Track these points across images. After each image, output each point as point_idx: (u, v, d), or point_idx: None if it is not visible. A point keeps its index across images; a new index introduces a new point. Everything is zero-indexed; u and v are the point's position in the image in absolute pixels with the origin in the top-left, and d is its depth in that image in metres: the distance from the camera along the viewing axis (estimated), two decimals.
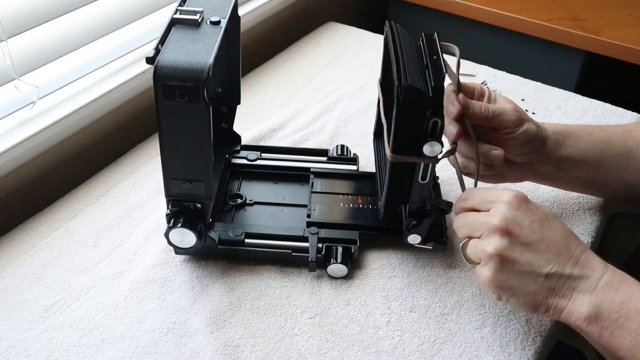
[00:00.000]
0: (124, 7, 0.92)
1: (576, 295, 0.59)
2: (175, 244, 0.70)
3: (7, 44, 0.78)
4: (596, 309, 0.57)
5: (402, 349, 0.66)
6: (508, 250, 0.59)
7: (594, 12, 1.29)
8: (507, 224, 0.60)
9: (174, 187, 0.67)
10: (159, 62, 0.60)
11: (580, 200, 0.86)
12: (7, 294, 0.70)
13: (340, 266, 0.72)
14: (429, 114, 0.62)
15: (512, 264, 0.59)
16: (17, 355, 0.64)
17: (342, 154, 0.86)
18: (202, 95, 0.59)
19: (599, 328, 0.57)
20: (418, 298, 0.72)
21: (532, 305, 0.60)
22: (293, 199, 0.80)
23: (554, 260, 0.59)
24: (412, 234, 0.72)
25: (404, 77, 0.63)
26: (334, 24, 1.27)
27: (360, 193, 0.80)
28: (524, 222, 0.60)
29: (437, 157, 0.65)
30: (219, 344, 0.66)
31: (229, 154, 0.85)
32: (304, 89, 1.06)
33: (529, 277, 0.59)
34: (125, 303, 0.69)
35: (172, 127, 0.63)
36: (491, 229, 0.60)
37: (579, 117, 1.02)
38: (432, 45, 0.68)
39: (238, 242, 0.73)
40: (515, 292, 0.60)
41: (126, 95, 0.94)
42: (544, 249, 0.59)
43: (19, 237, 0.77)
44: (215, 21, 0.66)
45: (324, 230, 0.74)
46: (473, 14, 1.32)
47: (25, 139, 0.80)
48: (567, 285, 0.59)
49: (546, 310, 0.60)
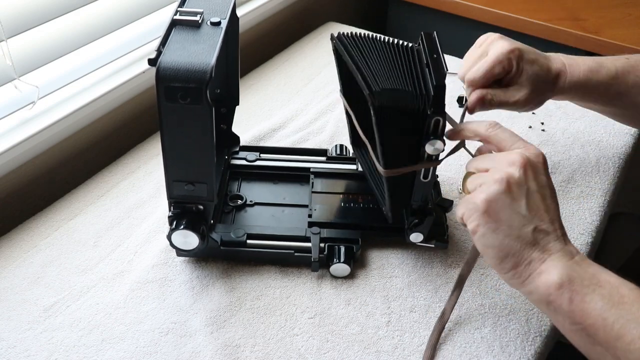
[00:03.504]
0: (124, 7, 0.92)
1: (553, 257, 0.57)
2: (178, 246, 0.69)
3: (7, 44, 0.78)
4: (570, 274, 0.56)
5: (402, 349, 0.66)
6: (517, 184, 0.57)
7: (594, 12, 1.29)
8: (527, 162, 0.58)
9: (176, 189, 0.67)
10: (161, 64, 0.59)
11: (580, 200, 0.86)
12: (7, 294, 0.70)
13: (343, 266, 0.72)
14: (431, 112, 0.62)
15: (513, 198, 0.57)
16: (17, 355, 0.64)
17: (341, 154, 0.86)
18: (205, 96, 0.59)
19: (570, 292, 0.55)
20: (418, 298, 0.72)
21: (505, 251, 0.58)
22: (293, 199, 0.80)
23: (548, 222, 0.58)
24: (415, 233, 0.72)
25: (373, 83, 0.62)
26: (334, 24, 1.27)
27: (361, 192, 0.80)
28: (540, 173, 0.59)
29: (438, 156, 0.65)
30: (219, 344, 0.66)
31: (228, 155, 0.85)
32: (304, 89, 1.06)
33: (520, 220, 0.57)
34: (125, 303, 0.69)
35: (175, 128, 0.62)
36: (510, 161, 0.58)
37: (579, 117, 1.02)
38: (432, 44, 0.68)
39: (240, 243, 0.73)
40: (497, 228, 0.57)
41: (126, 95, 0.94)
42: (545, 207, 0.58)
43: (19, 237, 0.77)
44: (216, 22, 0.66)
45: (325, 230, 0.74)
46: (473, 14, 1.32)
47: (25, 139, 0.80)
48: (548, 248, 0.57)
49: (514, 266, 0.58)
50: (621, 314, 0.53)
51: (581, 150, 0.95)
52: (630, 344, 0.52)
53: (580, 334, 0.55)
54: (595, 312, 0.54)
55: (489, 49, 0.73)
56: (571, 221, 0.82)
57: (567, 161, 0.92)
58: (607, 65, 0.78)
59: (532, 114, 1.02)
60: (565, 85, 0.76)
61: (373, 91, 0.62)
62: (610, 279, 0.55)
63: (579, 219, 0.83)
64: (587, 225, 0.82)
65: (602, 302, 0.54)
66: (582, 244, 0.79)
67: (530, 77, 0.73)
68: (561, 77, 0.76)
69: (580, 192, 0.87)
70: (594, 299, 0.54)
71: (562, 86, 0.76)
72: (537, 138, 0.97)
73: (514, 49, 0.72)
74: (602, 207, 0.85)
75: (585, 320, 0.54)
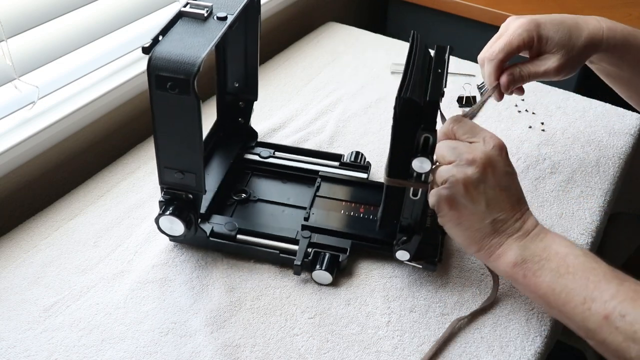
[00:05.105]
0: (124, 7, 0.92)
1: (509, 241, 0.65)
2: (165, 231, 0.71)
3: (7, 44, 0.78)
4: (522, 255, 0.64)
5: (402, 349, 0.66)
6: (474, 184, 0.64)
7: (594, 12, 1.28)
8: (485, 161, 0.64)
9: (167, 176, 0.69)
10: (155, 53, 0.61)
11: (580, 200, 0.86)
12: (7, 294, 0.70)
13: (325, 273, 0.71)
14: (421, 129, 0.62)
15: (472, 198, 0.64)
16: (17, 355, 0.64)
17: (355, 161, 0.85)
18: (192, 88, 0.60)
19: (524, 270, 0.64)
20: (418, 298, 0.72)
21: (468, 240, 0.66)
22: (297, 200, 0.80)
23: (507, 210, 0.65)
24: (401, 250, 0.71)
25: (405, 90, 0.62)
26: (334, 24, 1.27)
27: (364, 202, 0.79)
28: (499, 167, 0.64)
29: (427, 178, 0.65)
30: (219, 344, 0.66)
31: (243, 149, 0.85)
32: (304, 89, 1.06)
33: (479, 215, 0.64)
34: (125, 303, 0.69)
35: (164, 117, 0.64)
36: (469, 160, 0.64)
37: (579, 117, 1.02)
38: (440, 58, 0.67)
39: (229, 236, 0.73)
40: (460, 222, 0.65)
41: (126, 96, 0.94)
42: (504, 197, 0.65)
43: (19, 237, 0.77)
44: (222, 17, 0.66)
45: (317, 235, 0.74)
46: (473, 14, 1.32)
47: (25, 139, 0.80)
48: (505, 233, 0.65)
49: (478, 250, 0.66)
50: (566, 283, 0.61)
51: (581, 150, 0.95)
52: (574, 308, 0.60)
53: (538, 301, 0.65)
54: (545, 283, 0.62)
55: (507, 29, 0.75)
56: (571, 221, 0.82)
57: (567, 161, 0.92)
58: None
59: (532, 113, 1.02)
60: (603, 44, 0.76)
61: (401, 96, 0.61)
62: (559, 250, 0.63)
63: (579, 219, 0.83)
64: (587, 225, 0.82)
65: (551, 275, 0.62)
66: (582, 244, 0.79)
67: (559, 44, 0.74)
68: (596, 37, 0.76)
69: (580, 192, 0.87)
70: (543, 273, 0.63)
71: (597, 45, 0.76)
72: (537, 138, 0.97)
73: (531, 21, 0.73)
74: (602, 207, 0.85)
75: (538, 291, 0.63)
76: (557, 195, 0.86)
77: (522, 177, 0.88)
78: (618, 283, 0.60)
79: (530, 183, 0.88)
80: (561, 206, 0.85)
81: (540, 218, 0.82)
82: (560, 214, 0.83)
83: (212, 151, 0.85)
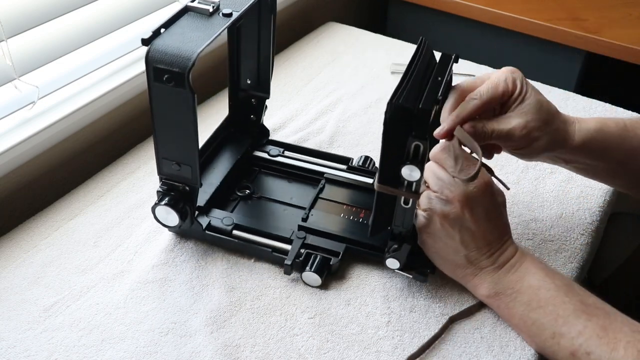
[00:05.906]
0: (123, 7, 0.92)
1: (482, 274, 0.67)
2: (161, 220, 0.72)
3: (7, 44, 0.78)
4: (495, 288, 0.67)
5: (402, 349, 0.66)
6: (450, 222, 0.65)
7: (594, 12, 1.29)
8: (464, 201, 0.65)
9: (165, 167, 0.70)
10: (153, 45, 0.62)
11: (580, 200, 0.86)
12: (7, 294, 0.70)
13: (314, 275, 0.71)
14: (412, 136, 0.61)
15: (447, 233, 0.66)
16: (17, 355, 0.64)
17: (363, 166, 0.84)
18: (187, 82, 0.61)
19: (497, 301, 0.67)
20: (418, 298, 0.72)
21: (444, 266, 0.70)
22: (299, 200, 0.80)
23: (481, 248, 0.66)
24: (391, 258, 0.70)
25: (398, 96, 0.61)
26: (334, 24, 1.27)
27: (366, 207, 0.78)
28: (479, 207, 0.65)
29: (419, 188, 0.65)
30: (219, 344, 0.66)
31: (253, 146, 0.86)
32: (304, 89, 1.06)
33: (453, 248, 0.67)
34: (125, 303, 0.69)
35: (162, 109, 0.65)
36: (449, 198, 0.65)
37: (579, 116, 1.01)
38: (443, 66, 0.66)
39: (225, 231, 0.74)
40: (436, 251, 0.69)
41: (126, 96, 0.94)
42: (480, 236, 0.66)
43: (19, 237, 0.77)
44: (227, 13, 0.67)
45: (312, 237, 0.73)
46: (473, 14, 1.32)
47: (25, 139, 0.80)
48: (478, 266, 0.67)
49: (454, 276, 0.70)
50: (537, 317, 0.64)
51: None
52: (545, 341, 0.64)
53: (514, 330, 0.68)
54: (517, 315, 0.66)
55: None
56: (571, 221, 0.82)
57: None
58: (614, 120, 0.73)
59: None
60: (575, 137, 0.70)
61: (392, 102, 0.61)
62: (532, 283, 0.65)
63: (579, 219, 0.83)
64: (587, 225, 0.82)
65: (522, 308, 0.65)
66: (582, 244, 0.79)
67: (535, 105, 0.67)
68: (570, 125, 0.71)
69: (580, 192, 0.87)
70: (515, 305, 0.66)
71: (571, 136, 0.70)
72: None
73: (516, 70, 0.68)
74: (602, 207, 0.85)
75: (511, 321, 0.67)
76: (557, 195, 0.86)
77: (522, 177, 0.89)
78: (586, 319, 0.62)
79: (530, 183, 0.88)
80: (561, 206, 0.85)
81: (540, 218, 0.82)
82: (560, 214, 0.83)
83: (220, 146, 0.85)
